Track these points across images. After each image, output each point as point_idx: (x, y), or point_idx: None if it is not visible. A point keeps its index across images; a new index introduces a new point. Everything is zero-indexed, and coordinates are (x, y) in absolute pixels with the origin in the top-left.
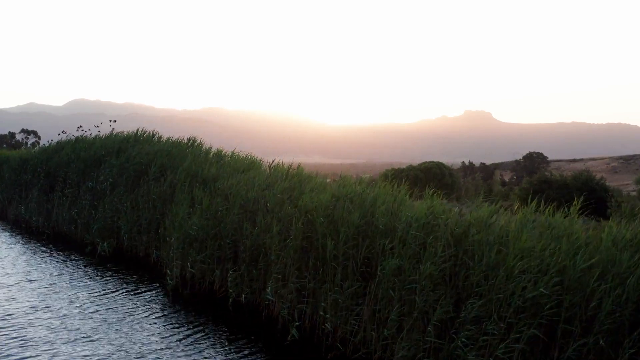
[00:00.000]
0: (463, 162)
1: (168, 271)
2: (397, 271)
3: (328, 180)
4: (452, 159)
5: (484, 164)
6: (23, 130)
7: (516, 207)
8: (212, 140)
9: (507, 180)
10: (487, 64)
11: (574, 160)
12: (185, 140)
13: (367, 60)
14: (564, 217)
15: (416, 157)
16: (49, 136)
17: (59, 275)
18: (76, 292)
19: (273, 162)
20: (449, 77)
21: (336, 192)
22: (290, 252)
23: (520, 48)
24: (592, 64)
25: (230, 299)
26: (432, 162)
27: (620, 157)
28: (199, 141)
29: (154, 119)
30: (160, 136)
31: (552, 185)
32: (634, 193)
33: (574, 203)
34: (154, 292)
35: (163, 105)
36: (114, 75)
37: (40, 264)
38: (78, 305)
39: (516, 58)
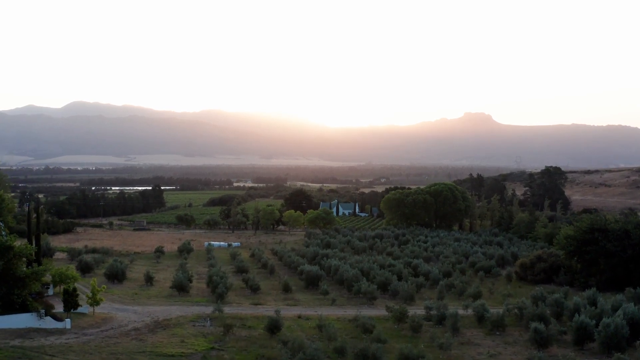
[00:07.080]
0: (471, 174)
1: None
2: None
3: None
4: (452, 161)
5: (495, 179)
6: None
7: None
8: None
9: (520, 195)
10: (487, 65)
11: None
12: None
13: (366, 62)
14: None
15: (416, 160)
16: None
17: None
18: None
19: None
20: (448, 78)
21: None
22: None
23: (520, 50)
24: (591, 65)
25: None
26: (443, 183)
27: None
28: None
29: (153, 121)
30: None
31: (609, 235)
32: None
33: None
34: None
35: (162, 108)
36: (113, 77)
37: None
38: None
39: (516, 60)
